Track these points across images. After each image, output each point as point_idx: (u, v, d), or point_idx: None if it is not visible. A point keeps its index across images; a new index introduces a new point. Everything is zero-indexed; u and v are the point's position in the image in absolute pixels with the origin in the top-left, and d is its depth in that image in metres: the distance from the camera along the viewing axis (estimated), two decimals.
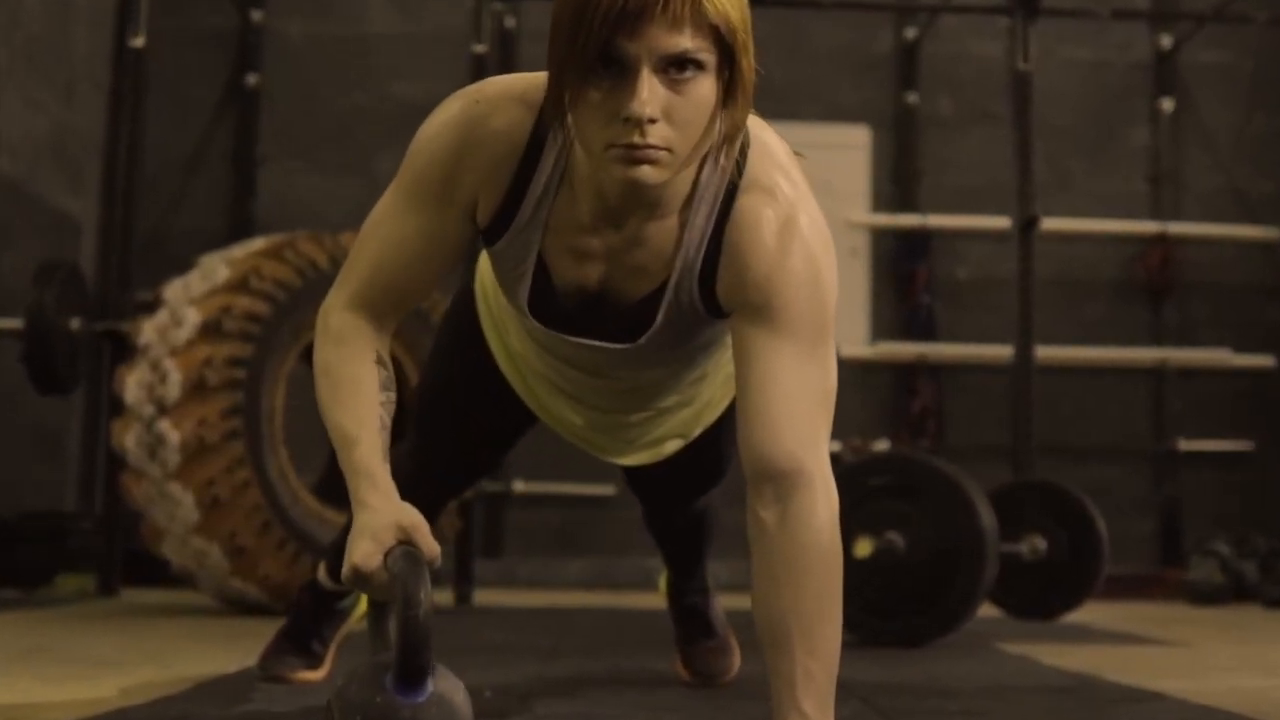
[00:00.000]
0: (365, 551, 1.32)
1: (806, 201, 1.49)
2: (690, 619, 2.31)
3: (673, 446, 1.96)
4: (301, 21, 5.74)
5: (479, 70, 4.38)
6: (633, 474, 2.08)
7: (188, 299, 3.53)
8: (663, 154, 1.37)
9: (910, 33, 5.86)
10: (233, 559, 3.45)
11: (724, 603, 2.39)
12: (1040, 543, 3.86)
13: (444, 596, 4.33)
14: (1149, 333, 5.85)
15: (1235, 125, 5.96)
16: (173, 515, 3.45)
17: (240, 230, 5.31)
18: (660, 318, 1.56)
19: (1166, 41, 5.92)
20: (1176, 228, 5.83)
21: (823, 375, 1.46)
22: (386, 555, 1.32)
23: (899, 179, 5.84)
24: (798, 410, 1.43)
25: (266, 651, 2.08)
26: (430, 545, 1.33)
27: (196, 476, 3.40)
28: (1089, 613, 3.99)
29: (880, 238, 5.82)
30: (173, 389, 3.42)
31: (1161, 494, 5.75)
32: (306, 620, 2.10)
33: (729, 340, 1.76)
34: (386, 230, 1.53)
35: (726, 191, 1.49)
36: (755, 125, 1.51)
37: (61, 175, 5.13)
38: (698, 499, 2.13)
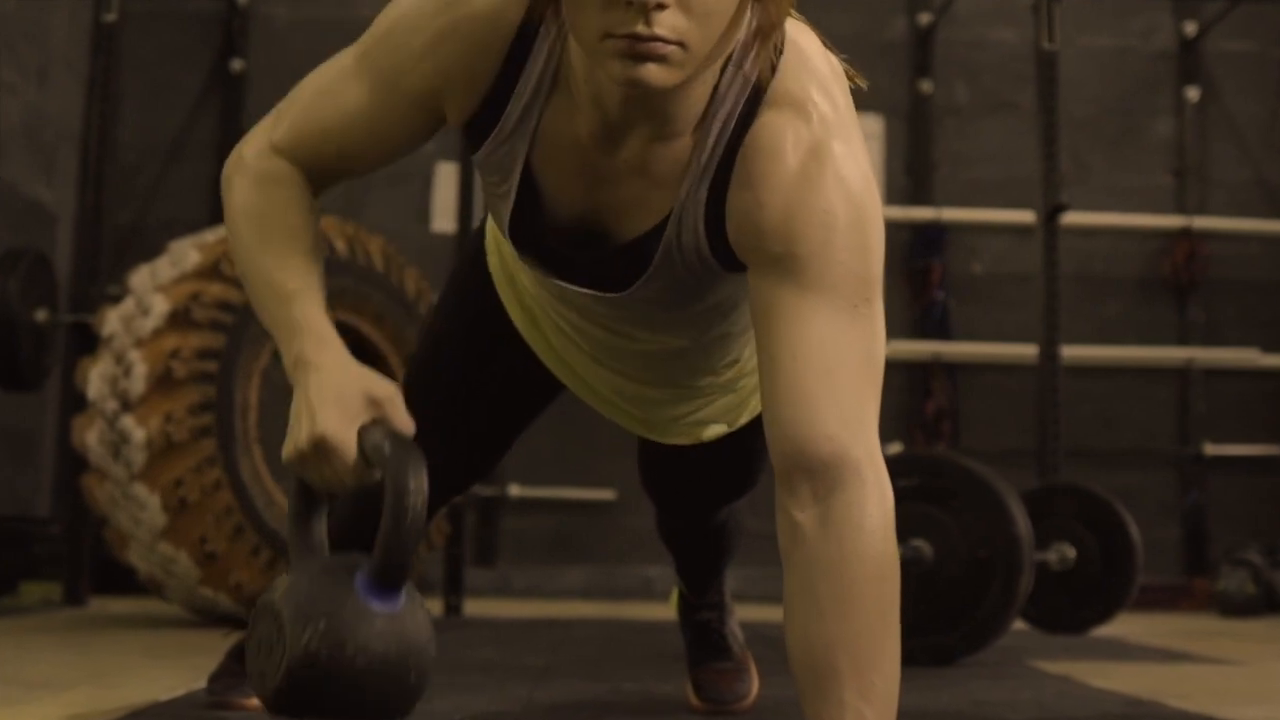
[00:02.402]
0: (334, 421, 1.09)
1: (846, 129, 1.21)
2: (702, 638, 2.02)
3: (718, 431, 1.65)
4: (288, 4, 5.50)
5: None
6: (648, 473, 1.80)
7: (155, 286, 3.28)
8: (673, 49, 1.10)
9: (924, 18, 5.63)
10: (202, 566, 3.18)
11: (740, 615, 2.13)
12: (1069, 551, 3.61)
13: (433, 606, 4.08)
14: (1173, 331, 5.60)
15: (1263, 115, 5.73)
16: (138, 519, 3.19)
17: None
18: (655, 262, 1.28)
19: (1191, 28, 5.68)
20: (1202, 222, 5.58)
21: (868, 340, 1.17)
22: (361, 432, 1.10)
23: (913, 170, 5.61)
24: (838, 384, 1.14)
25: (216, 673, 1.81)
26: (408, 425, 1.12)
27: (163, 477, 3.14)
28: (1117, 625, 3.73)
29: (893, 231, 5.56)
30: (137, 382, 3.15)
31: (1187, 500, 5.51)
32: None
33: None
34: (333, 87, 1.30)
35: (747, 103, 1.21)
36: (794, 28, 1.24)
37: (35, 163, 4.88)
38: (720, 508, 1.85)
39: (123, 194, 5.09)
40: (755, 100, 1.21)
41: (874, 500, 1.14)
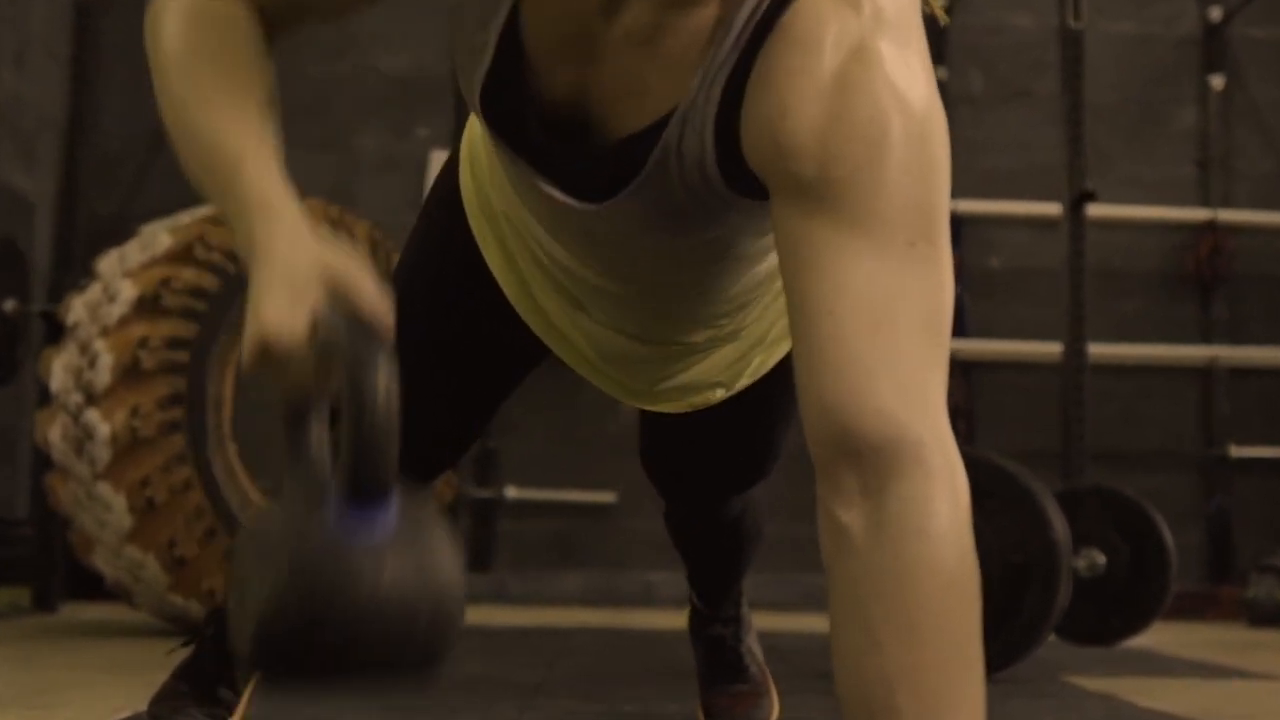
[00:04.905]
0: (279, 311, 0.82)
1: (905, 29, 0.96)
2: (715, 656, 1.79)
3: (717, 395, 1.41)
4: None
5: None
6: (648, 451, 1.57)
7: (123, 271, 3.06)
8: None
9: (939, 3, 5.42)
10: (172, 571, 2.96)
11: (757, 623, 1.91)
12: (1099, 557, 3.39)
13: None
14: (1197, 329, 5.39)
15: None
16: (103, 521, 2.97)
17: None
18: (646, 169, 1.03)
19: (1216, 13, 5.48)
20: (1227, 215, 5.36)
21: (929, 288, 0.92)
22: (314, 318, 0.84)
23: None
24: (892, 344, 0.89)
25: (159, 696, 1.59)
26: (378, 305, 0.85)
27: (129, 476, 2.92)
28: (1145, 636, 3.51)
29: None
30: (103, 374, 2.93)
31: (1211, 504, 5.30)
32: (211, 657, 1.59)
33: None
34: None
35: None
36: None
37: (13, 150, 4.67)
38: (730, 495, 1.60)
39: (105, 183, 4.90)
40: None
41: (942, 494, 0.90)
